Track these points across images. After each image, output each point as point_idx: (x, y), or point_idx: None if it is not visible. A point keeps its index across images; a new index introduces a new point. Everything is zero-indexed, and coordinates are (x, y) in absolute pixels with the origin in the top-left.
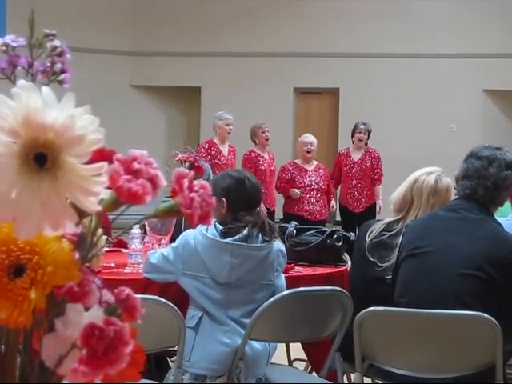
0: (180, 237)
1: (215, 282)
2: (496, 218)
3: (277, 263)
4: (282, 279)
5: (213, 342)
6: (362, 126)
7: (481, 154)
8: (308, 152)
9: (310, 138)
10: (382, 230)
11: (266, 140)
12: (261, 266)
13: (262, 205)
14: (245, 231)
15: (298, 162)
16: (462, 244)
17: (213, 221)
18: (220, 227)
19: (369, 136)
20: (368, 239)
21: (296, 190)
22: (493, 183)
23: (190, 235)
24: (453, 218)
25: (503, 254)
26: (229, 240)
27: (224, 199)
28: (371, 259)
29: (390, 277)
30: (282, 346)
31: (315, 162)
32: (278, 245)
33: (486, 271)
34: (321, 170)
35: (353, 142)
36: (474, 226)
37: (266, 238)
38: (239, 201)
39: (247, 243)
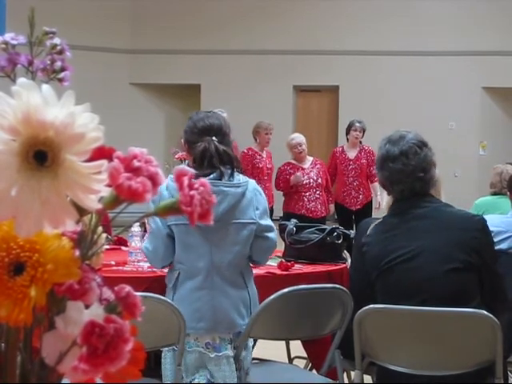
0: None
1: (196, 226)
2: (495, 215)
3: (255, 201)
4: (268, 220)
5: (190, 299)
6: (357, 124)
7: (392, 153)
8: (300, 153)
9: (297, 138)
10: None
11: (267, 142)
12: (240, 203)
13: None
14: (218, 170)
15: (293, 161)
16: (428, 243)
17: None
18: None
19: (363, 134)
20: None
21: (297, 174)
22: (422, 170)
23: (161, 187)
24: (406, 221)
25: (469, 235)
26: (209, 178)
27: (182, 139)
28: None
29: None
30: (282, 344)
31: (310, 159)
32: (254, 184)
33: (461, 260)
34: (317, 166)
35: (347, 140)
36: (429, 221)
37: (231, 169)
38: (190, 132)
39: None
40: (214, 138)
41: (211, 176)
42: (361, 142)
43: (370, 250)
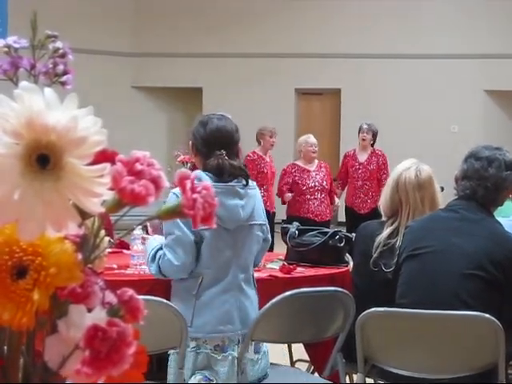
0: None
1: (224, 229)
2: (498, 218)
3: (262, 203)
4: None
5: (217, 303)
6: (364, 126)
7: (480, 154)
8: (313, 152)
9: (313, 138)
10: (385, 239)
11: (271, 145)
12: (257, 205)
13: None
14: (238, 177)
15: (299, 163)
16: (463, 244)
17: (200, 171)
18: (212, 175)
19: (374, 136)
20: (374, 254)
21: (288, 194)
22: (492, 184)
23: None
24: (453, 219)
25: (504, 253)
26: (233, 183)
27: (190, 142)
28: (377, 268)
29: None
30: (284, 347)
31: (316, 161)
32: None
33: (487, 270)
34: (322, 169)
35: (359, 143)
36: (475, 226)
37: (244, 181)
38: (201, 140)
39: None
40: (223, 151)
41: (235, 180)
42: (372, 146)
43: (409, 232)
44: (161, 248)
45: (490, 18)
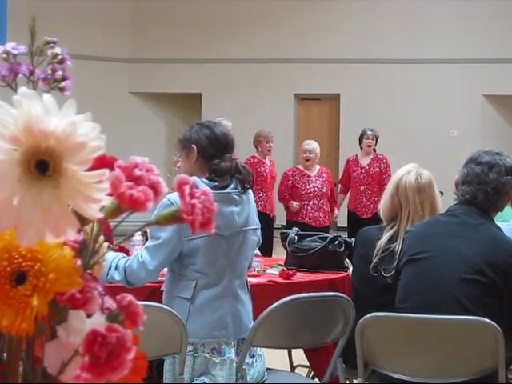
0: (163, 207)
1: (219, 236)
2: (497, 222)
3: (255, 207)
4: None
5: (211, 308)
6: (369, 132)
7: (481, 159)
8: (307, 160)
9: (310, 144)
10: (385, 244)
11: (269, 151)
12: (252, 210)
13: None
14: (236, 181)
15: (300, 167)
16: (462, 248)
17: (196, 178)
18: (209, 182)
19: (376, 142)
20: (374, 259)
21: (294, 204)
22: (493, 188)
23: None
24: (453, 223)
25: (503, 258)
26: (228, 190)
27: (194, 146)
28: (377, 274)
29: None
30: (284, 352)
31: (318, 167)
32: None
33: (486, 275)
34: (323, 175)
35: (361, 149)
36: (475, 231)
37: (247, 185)
38: (209, 145)
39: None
40: (228, 154)
41: (231, 186)
42: (375, 150)
43: (409, 237)
44: (123, 257)
45: (489, 23)
